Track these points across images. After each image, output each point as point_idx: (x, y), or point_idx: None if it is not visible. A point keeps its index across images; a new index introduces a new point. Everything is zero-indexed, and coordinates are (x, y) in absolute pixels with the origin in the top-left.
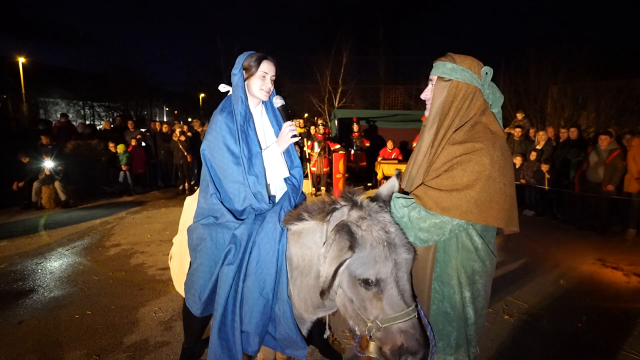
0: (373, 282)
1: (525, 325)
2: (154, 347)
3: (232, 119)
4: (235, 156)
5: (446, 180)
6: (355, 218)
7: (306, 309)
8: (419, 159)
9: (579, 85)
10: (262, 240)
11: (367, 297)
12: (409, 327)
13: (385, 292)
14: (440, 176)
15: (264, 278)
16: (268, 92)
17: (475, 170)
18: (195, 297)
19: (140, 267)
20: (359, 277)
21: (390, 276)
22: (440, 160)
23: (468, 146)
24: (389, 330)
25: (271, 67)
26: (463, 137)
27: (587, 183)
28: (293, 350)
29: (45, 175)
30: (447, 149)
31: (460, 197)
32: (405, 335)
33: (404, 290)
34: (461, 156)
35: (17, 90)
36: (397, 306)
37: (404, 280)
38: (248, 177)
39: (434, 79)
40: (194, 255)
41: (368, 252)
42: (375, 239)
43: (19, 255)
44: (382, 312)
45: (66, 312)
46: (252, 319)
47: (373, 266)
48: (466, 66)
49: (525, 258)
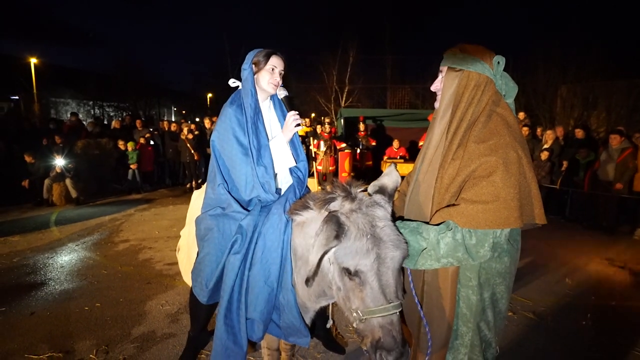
0: (352, 272)
1: (530, 323)
2: (160, 338)
3: (241, 112)
4: (244, 147)
5: (485, 189)
6: (347, 210)
7: (309, 298)
8: (429, 153)
9: (588, 85)
10: (267, 231)
11: (350, 287)
12: (387, 322)
13: (366, 285)
14: (474, 187)
15: (269, 267)
16: (276, 85)
17: (510, 173)
18: (202, 285)
19: (148, 262)
20: (342, 265)
21: (370, 270)
22: (465, 162)
23: (492, 145)
24: (369, 323)
25: (280, 62)
26: (484, 134)
27: (597, 182)
28: (296, 338)
29: (56, 173)
30: (470, 148)
31: (504, 205)
32: (382, 330)
33: (386, 286)
34: (487, 158)
35: (29, 91)
36: (377, 300)
37: (388, 275)
38: (257, 167)
39: (443, 70)
40: (202, 245)
41: (351, 243)
42: (360, 231)
43: (30, 249)
44: (363, 304)
45: (76, 304)
46: (257, 307)
47: (353, 257)
48: (477, 56)
49: (531, 256)
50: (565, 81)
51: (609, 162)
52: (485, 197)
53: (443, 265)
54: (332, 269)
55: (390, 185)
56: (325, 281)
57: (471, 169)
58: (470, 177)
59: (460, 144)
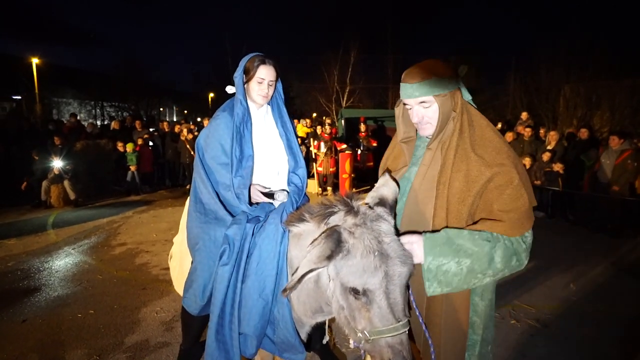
0: (360, 292)
1: (533, 331)
2: (154, 347)
3: (231, 119)
4: (226, 155)
5: (514, 197)
6: (350, 225)
7: (305, 313)
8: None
9: (591, 84)
10: (263, 242)
11: (356, 306)
12: (397, 342)
13: (373, 304)
14: (501, 196)
15: (264, 279)
16: (265, 97)
17: (523, 174)
18: (195, 297)
19: (144, 267)
20: (347, 285)
21: (379, 288)
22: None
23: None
24: (377, 343)
25: (269, 72)
26: (478, 142)
27: (597, 184)
28: (291, 354)
29: (54, 175)
30: (473, 158)
31: (530, 208)
32: (392, 350)
33: (394, 304)
34: (500, 168)
35: (31, 91)
36: (385, 320)
37: (396, 293)
38: (234, 178)
39: (428, 100)
40: (193, 254)
41: (358, 261)
42: (366, 248)
43: (26, 253)
44: (370, 324)
45: (69, 311)
46: (250, 321)
47: (361, 276)
48: (449, 73)
49: (534, 261)
50: (568, 81)
51: (609, 164)
52: (517, 204)
53: (494, 278)
54: (332, 286)
55: (390, 197)
56: (323, 297)
57: (487, 178)
58: (489, 187)
59: (456, 155)
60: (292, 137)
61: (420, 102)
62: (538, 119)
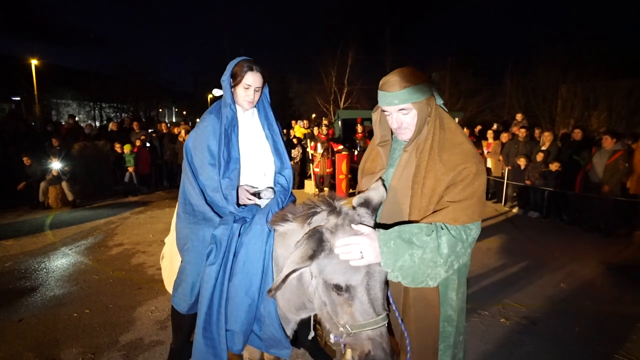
0: (343, 288)
1: (522, 329)
2: (148, 346)
3: (218, 121)
4: (213, 157)
5: (465, 190)
6: (332, 225)
7: (289, 310)
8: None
9: (588, 85)
10: (249, 241)
11: (339, 302)
12: (377, 335)
13: (355, 299)
14: (454, 189)
15: (250, 278)
16: (251, 102)
17: (481, 173)
18: (184, 294)
19: (140, 267)
20: (330, 282)
21: (360, 284)
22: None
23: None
24: (358, 337)
25: (256, 79)
26: (448, 144)
27: (589, 184)
28: (277, 349)
29: (52, 176)
30: (444, 158)
31: (479, 201)
32: (372, 342)
33: (375, 299)
34: (464, 166)
35: (30, 92)
36: (366, 314)
37: (376, 289)
38: (222, 179)
39: (407, 107)
40: (182, 254)
41: (340, 259)
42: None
43: (24, 254)
44: (352, 319)
45: (65, 311)
46: (237, 318)
47: (344, 273)
48: (425, 80)
49: (526, 261)
50: (565, 81)
51: (601, 164)
52: (466, 195)
53: (447, 269)
54: (314, 283)
55: (375, 199)
56: (306, 294)
57: (451, 178)
58: (451, 184)
59: (430, 156)
60: (278, 139)
61: (399, 110)
62: (535, 120)
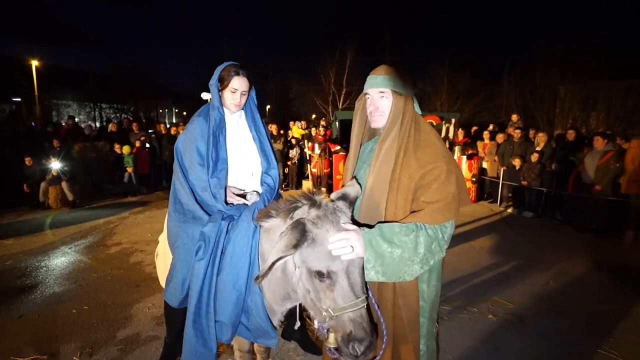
0: (325, 274)
1: (509, 325)
2: (144, 340)
3: (206, 124)
4: (202, 157)
5: (439, 191)
6: (313, 216)
7: (275, 300)
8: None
9: (587, 86)
10: (236, 237)
11: (321, 288)
12: (357, 316)
13: (336, 284)
14: (429, 190)
15: (237, 272)
16: (238, 105)
17: (452, 172)
18: (175, 289)
19: (138, 265)
20: (313, 269)
21: (341, 270)
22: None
23: (433, 153)
24: (340, 319)
25: (242, 83)
26: (422, 144)
27: (581, 184)
28: (265, 339)
29: (52, 176)
30: (419, 155)
31: (453, 200)
32: (353, 323)
33: (354, 283)
34: (435, 165)
35: (31, 92)
36: (347, 297)
37: (355, 274)
38: (210, 179)
39: (386, 92)
40: (173, 252)
41: (322, 248)
42: (327, 236)
43: (24, 253)
44: (334, 302)
45: (64, 308)
46: (225, 310)
47: (326, 260)
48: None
49: (518, 260)
50: (563, 82)
51: (593, 165)
52: (441, 196)
53: (422, 265)
54: (297, 273)
55: (352, 194)
56: (290, 284)
57: (420, 175)
58: (422, 184)
59: (405, 155)
60: (265, 140)
61: (379, 92)
62: (533, 121)
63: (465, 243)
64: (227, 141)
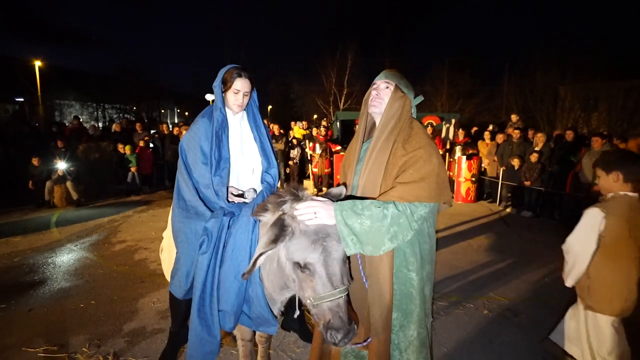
0: (302, 265)
1: (503, 320)
2: (150, 333)
3: (209, 124)
4: (205, 156)
5: (414, 173)
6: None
7: (274, 290)
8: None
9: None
10: (237, 232)
11: (302, 278)
12: (334, 305)
13: (315, 275)
14: (405, 172)
15: (238, 264)
16: (240, 106)
17: (431, 162)
18: (180, 281)
19: (143, 262)
20: (293, 260)
21: (318, 261)
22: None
23: (416, 142)
24: (320, 308)
25: (245, 84)
26: (411, 137)
27: (579, 184)
28: (265, 327)
29: (57, 176)
30: (405, 145)
31: (427, 185)
32: (331, 312)
33: (332, 274)
34: (415, 152)
35: (34, 93)
36: (325, 287)
37: (334, 266)
38: (213, 177)
39: (392, 85)
40: (177, 246)
41: (299, 240)
42: (306, 229)
43: (31, 249)
44: (314, 292)
45: (72, 302)
46: (228, 300)
47: (303, 252)
48: (411, 85)
49: (515, 257)
50: (563, 82)
51: (589, 165)
52: (413, 178)
53: (391, 238)
54: (288, 265)
55: (334, 192)
56: (284, 275)
57: (404, 161)
58: (404, 168)
59: (397, 148)
60: (266, 140)
61: (385, 81)
62: (533, 121)
63: (463, 241)
64: (229, 141)
